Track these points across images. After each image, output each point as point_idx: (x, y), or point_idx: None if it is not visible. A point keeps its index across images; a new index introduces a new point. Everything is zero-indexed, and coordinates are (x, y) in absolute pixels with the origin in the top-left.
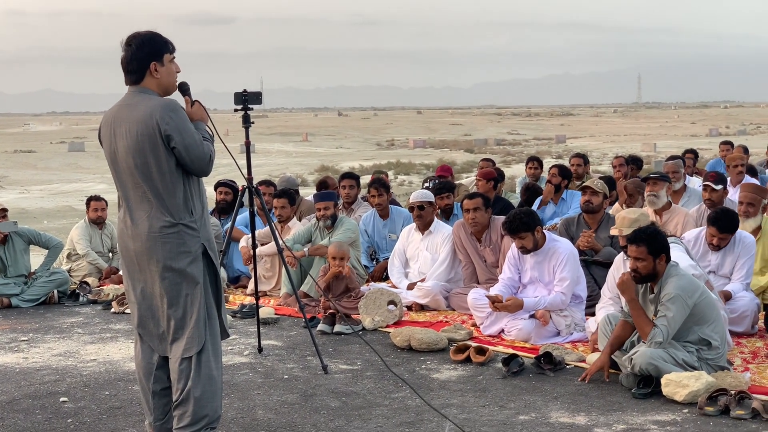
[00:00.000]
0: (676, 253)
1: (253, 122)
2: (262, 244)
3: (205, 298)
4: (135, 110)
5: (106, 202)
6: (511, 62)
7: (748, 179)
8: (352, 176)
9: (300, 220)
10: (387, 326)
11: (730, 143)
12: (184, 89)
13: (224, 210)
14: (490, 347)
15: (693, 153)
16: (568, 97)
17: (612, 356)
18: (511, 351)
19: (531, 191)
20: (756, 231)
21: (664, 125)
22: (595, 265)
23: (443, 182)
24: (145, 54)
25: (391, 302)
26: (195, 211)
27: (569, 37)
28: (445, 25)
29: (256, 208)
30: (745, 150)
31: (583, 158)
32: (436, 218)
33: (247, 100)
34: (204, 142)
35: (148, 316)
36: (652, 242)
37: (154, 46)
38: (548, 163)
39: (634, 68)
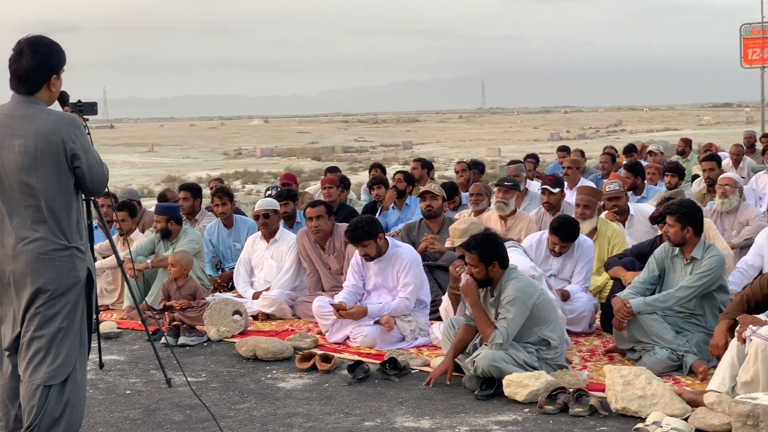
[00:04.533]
0: (516, 256)
1: (89, 132)
2: (104, 257)
3: (80, 324)
4: (32, 123)
5: None
6: (358, 70)
7: (584, 181)
8: (188, 188)
9: (143, 231)
10: (232, 336)
11: (566, 149)
12: (64, 100)
13: None
14: (336, 354)
15: (534, 157)
16: (414, 104)
17: (455, 359)
18: (356, 357)
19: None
20: (592, 233)
21: (508, 130)
22: (438, 270)
23: (283, 189)
24: (51, 65)
25: (236, 312)
26: (83, 234)
27: (415, 44)
28: (293, 33)
29: (95, 220)
30: (582, 154)
31: (421, 162)
32: (281, 226)
33: (82, 110)
34: (102, 162)
35: (13, 338)
36: (482, 250)
37: (60, 57)
38: (395, 169)
39: (478, 75)
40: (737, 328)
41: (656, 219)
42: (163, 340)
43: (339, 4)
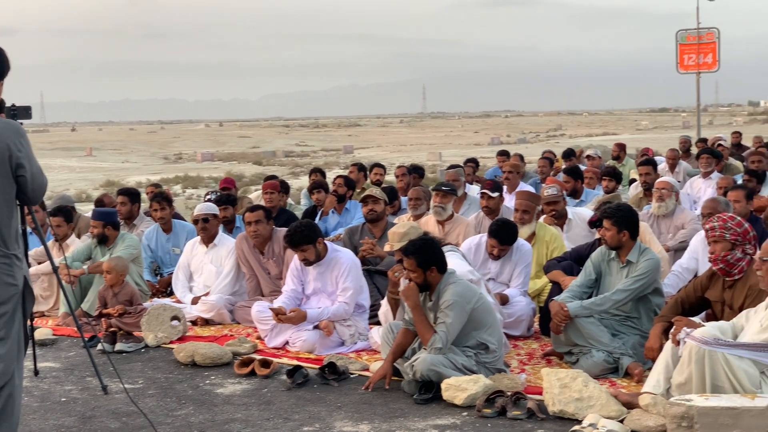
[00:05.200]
0: (454, 261)
1: None
2: (39, 263)
3: (18, 332)
4: None
5: None
6: (300, 74)
7: (523, 186)
8: (126, 192)
9: (79, 237)
10: (170, 342)
11: (506, 153)
12: (0, 107)
13: None
14: (275, 359)
15: (473, 162)
16: (356, 108)
17: (394, 364)
18: (295, 362)
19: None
20: (531, 237)
21: (449, 134)
22: (377, 274)
23: (223, 194)
24: None
25: (175, 318)
26: (20, 242)
27: (356, 48)
28: (234, 37)
29: (29, 226)
30: (521, 158)
31: (358, 166)
32: (220, 231)
33: (16, 114)
34: (42, 171)
35: None
36: (420, 254)
37: (4, 65)
38: (336, 173)
39: (420, 79)
40: (672, 330)
41: (595, 223)
42: (99, 346)
43: (281, 8)
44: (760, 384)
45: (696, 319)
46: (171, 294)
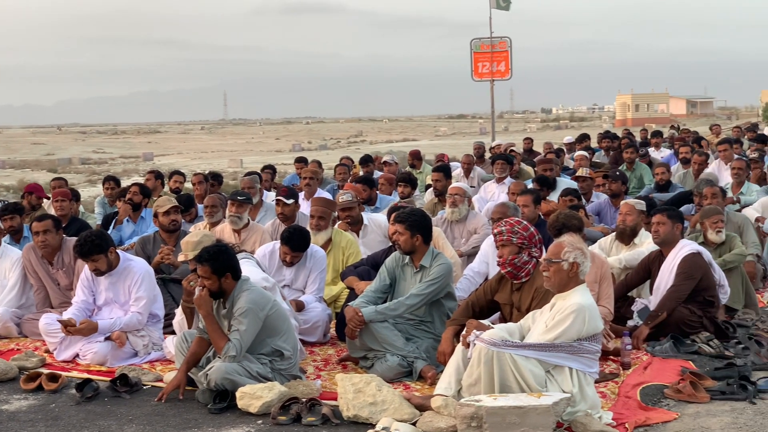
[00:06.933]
0: (248, 268)
1: None
2: None
3: None
4: None
5: None
6: (97, 79)
7: (321, 192)
8: None
9: None
10: None
11: (304, 159)
12: None
13: None
14: (64, 373)
15: (271, 168)
16: (156, 115)
17: (189, 373)
18: (86, 375)
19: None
20: (327, 243)
21: (250, 141)
22: (172, 283)
23: (8, 203)
24: None
25: None
26: None
27: (157, 53)
28: (26, 40)
29: None
30: (319, 164)
31: (155, 173)
32: (3, 242)
33: None
34: None
35: None
36: (214, 262)
37: None
38: (135, 180)
39: (221, 85)
40: (462, 332)
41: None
42: None
43: (78, 12)
44: (545, 383)
45: (486, 321)
46: None
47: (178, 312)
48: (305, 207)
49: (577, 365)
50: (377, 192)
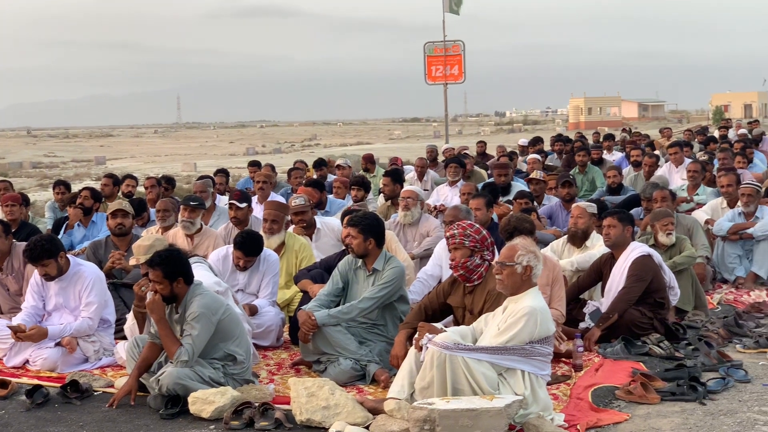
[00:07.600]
0: (200, 272)
1: None
2: None
3: None
4: None
5: None
6: (49, 82)
7: (275, 196)
8: None
9: None
10: None
11: (257, 163)
12: None
13: None
14: (14, 380)
15: (224, 172)
16: (109, 118)
17: (140, 379)
18: (36, 382)
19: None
20: (280, 247)
21: (204, 145)
22: (123, 288)
23: None
24: None
25: None
26: None
27: (110, 57)
28: None
29: None
30: (273, 168)
31: (113, 179)
32: None
33: None
34: None
35: None
36: (166, 266)
37: None
38: (87, 184)
39: (174, 89)
40: (415, 336)
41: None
42: None
43: (29, 13)
44: (498, 385)
45: (438, 324)
46: None
47: (130, 317)
48: (258, 211)
49: (529, 368)
50: (327, 195)
